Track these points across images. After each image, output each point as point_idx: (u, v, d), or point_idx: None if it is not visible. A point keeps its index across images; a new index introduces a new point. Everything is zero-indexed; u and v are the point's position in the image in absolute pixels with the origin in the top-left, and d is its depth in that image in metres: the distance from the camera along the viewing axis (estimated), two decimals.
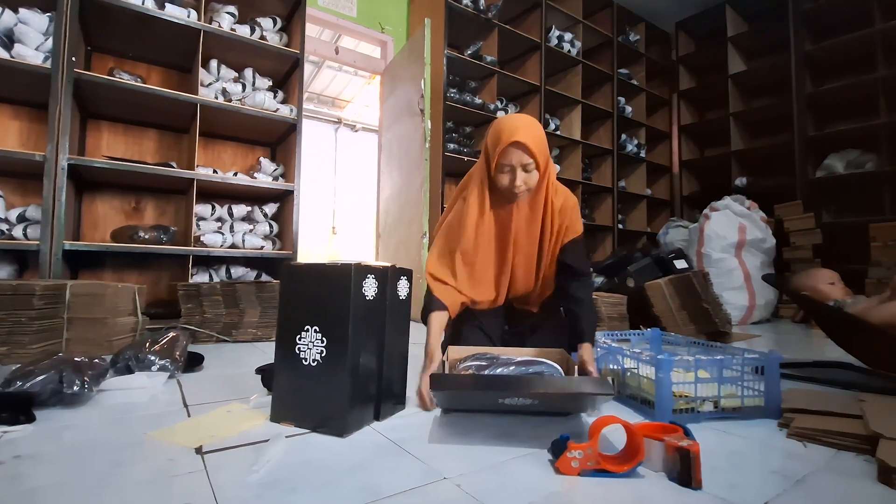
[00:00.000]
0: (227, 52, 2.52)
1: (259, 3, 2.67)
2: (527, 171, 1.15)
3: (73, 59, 2.00)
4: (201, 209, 2.47)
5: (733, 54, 4.18)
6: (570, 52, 3.86)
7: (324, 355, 0.88)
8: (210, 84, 2.49)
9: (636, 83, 4.48)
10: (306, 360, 0.89)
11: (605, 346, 1.22)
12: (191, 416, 0.99)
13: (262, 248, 2.55)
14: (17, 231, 2.02)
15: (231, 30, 2.45)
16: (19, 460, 0.74)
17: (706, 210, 3.24)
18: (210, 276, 2.46)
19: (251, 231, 2.60)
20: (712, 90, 4.45)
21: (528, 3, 3.70)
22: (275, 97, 2.63)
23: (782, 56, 3.80)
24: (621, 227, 4.27)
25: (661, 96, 4.77)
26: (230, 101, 2.47)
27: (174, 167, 2.33)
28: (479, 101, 3.29)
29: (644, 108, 4.55)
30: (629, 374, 1.12)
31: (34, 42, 1.99)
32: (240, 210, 2.60)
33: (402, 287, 1.04)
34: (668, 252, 2.86)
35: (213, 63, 2.54)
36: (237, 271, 2.56)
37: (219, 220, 2.54)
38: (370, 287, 0.93)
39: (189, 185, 2.30)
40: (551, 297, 1.34)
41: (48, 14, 2.03)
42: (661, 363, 0.95)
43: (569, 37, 3.89)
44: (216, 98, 2.42)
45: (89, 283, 1.60)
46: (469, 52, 3.29)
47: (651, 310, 2.20)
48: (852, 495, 0.67)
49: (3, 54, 1.90)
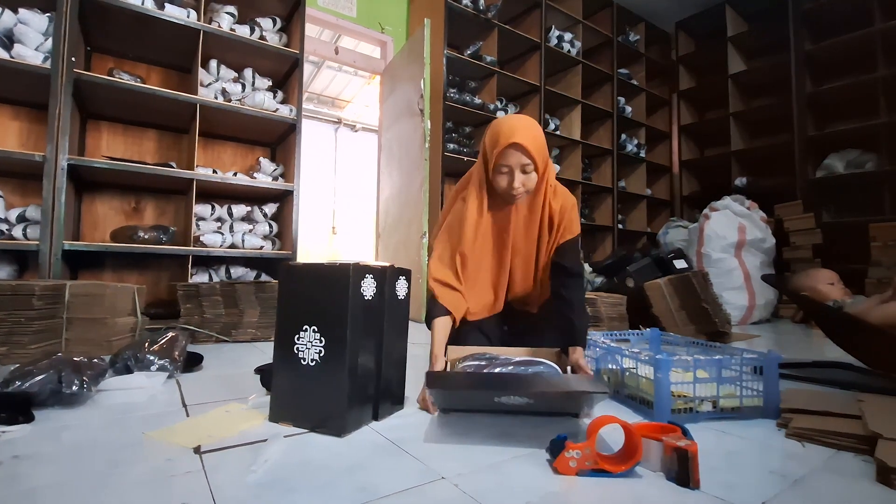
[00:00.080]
0: (226, 52, 2.52)
1: (259, 4, 2.67)
2: (525, 173, 1.14)
3: (73, 59, 2.00)
4: (201, 209, 2.47)
5: (733, 54, 4.18)
6: (569, 52, 3.86)
7: (322, 355, 0.88)
8: (210, 84, 2.50)
9: (636, 83, 4.48)
10: (305, 359, 0.89)
11: (604, 346, 1.22)
12: (189, 416, 0.99)
13: (262, 248, 2.55)
14: (17, 231, 2.02)
15: (231, 30, 2.45)
16: (18, 460, 0.74)
17: (706, 210, 3.24)
18: (210, 276, 2.46)
19: (251, 231, 2.60)
20: (712, 90, 4.45)
21: (527, 3, 3.70)
22: (274, 97, 2.63)
23: (782, 56, 3.80)
24: (621, 227, 4.27)
25: (660, 96, 4.77)
26: (230, 101, 2.47)
27: (174, 167, 2.33)
28: (478, 101, 3.29)
29: (644, 108, 4.55)
30: (628, 374, 1.12)
31: (34, 42, 1.99)
32: (239, 210, 2.60)
33: (401, 287, 1.04)
34: (667, 252, 2.86)
35: (213, 63, 2.54)
36: (237, 271, 2.56)
37: (218, 220, 2.54)
38: (368, 287, 0.93)
39: (189, 185, 2.30)
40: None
41: (48, 14, 2.03)
42: (659, 363, 0.95)
43: (568, 37, 3.89)
44: (216, 98, 2.42)
45: (89, 284, 1.60)
46: (469, 52, 3.29)
47: (650, 310, 2.20)
48: (851, 495, 0.67)
49: (3, 54, 1.91)
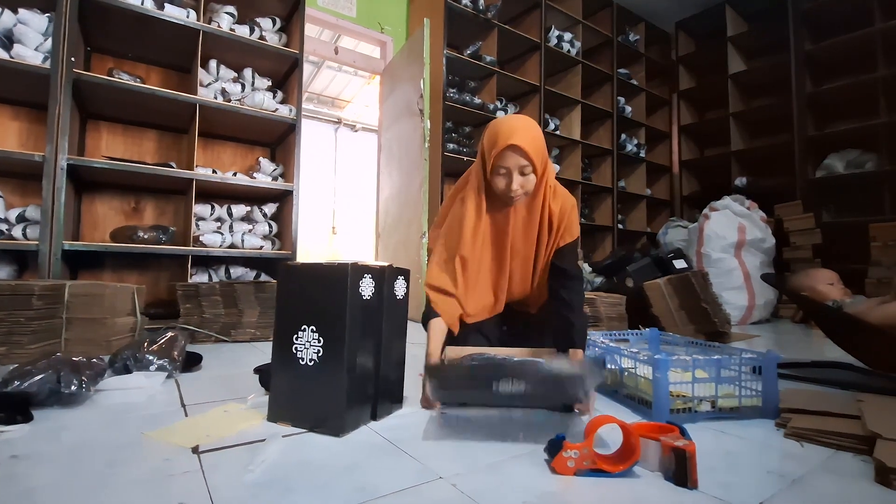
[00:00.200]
0: (226, 52, 2.52)
1: (258, 4, 2.67)
2: (523, 175, 1.14)
3: (73, 59, 2.00)
4: (200, 209, 2.47)
5: (733, 54, 4.18)
6: (569, 52, 3.86)
7: (321, 355, 0.88)
8: (209, 84, 2.50)
9: (636, 83, 4.47)
10: (303, 359, 0.89)
11: (603, 345, 1.22)
12: (188, 415, 0.99)
13: (262, 248, 2.55)
14: (17, 231, 2.02)
15: (230, 30, 2.45)
16: (16, 460, 0.74)
17: (706, 210, 3.24)
18: (209, 276, 2.46)
19: (250, 231, 2.60)
20: (712, 90, 4.44)
21: (527, 3, 3.70)
22: (274, 97, 2.63)
23: (782, 56, 3.80)
24: (621, 227, 4.27)
25: (660, 96, 4.77)
26: (229, 101, 2.47)
27: (173, 167, 2.33)
28: (478, 101, 3.29)
29: (644, 108, 4.55)
30: (627, 373, 1.12)
31: (33, 42, 1.99)
32: (239, 210, 2.60)
33: (400, 287, 1.04)
34: (667, 252, 2.86)
35: (213, 63, 2.54)
36: (236, 271, 2.56)
37: (218, 220, 2.54)
38: (367, 287, 0.93)
39: (188, 185, 2.30)
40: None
41: (47, 14, 2.03)
42: (658, 363, 0.95)
43: (568, 37, 3.89)
44: (215, 98, 2.42)
45: (88, 284, 1.60)
46: (468, 52, 3.29)
47: (650, 310, 2.20)
48: (849, 495, 0.67)
49: (3, 55, 1.90)
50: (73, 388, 1.00)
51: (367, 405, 0.94)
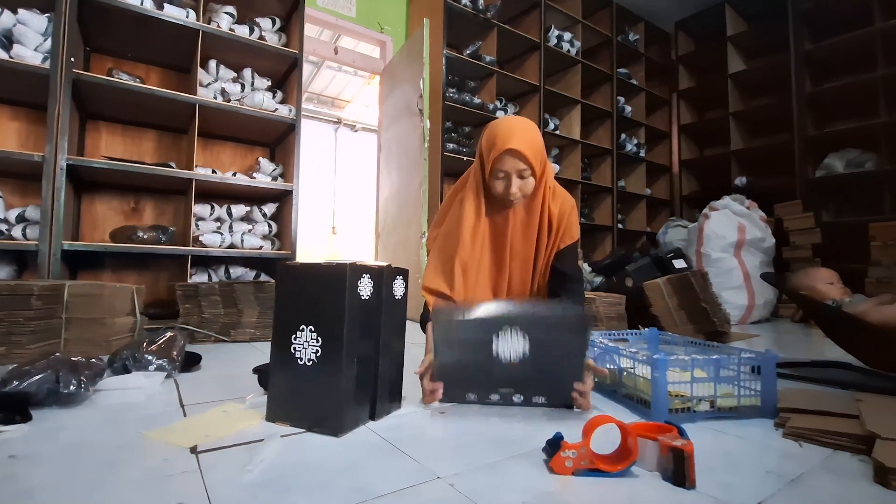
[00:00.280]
0: (225, 52, 2.52)
1: (258, 4, 2.67)
2: (522, 178, 1.14)
3: (72, 59, 2.00)
4: (200, 209, 2.47)
5: (733, 54, 4.18)
6: (569, 51, 3.86)
7: (319, 355, 0.88)
8: (209, 84, 2.49)
9: (636, 83, 4.47)
10: (302, 359, 0.89)
11: (602, 345, 1.22)
12: (187, 415, 0.99)
13: (261, 248, 2.55)
14: (17, 231, 2.02)
15: (230, 30, 2.45)
16: (14, 460, 0.74)
17: (705, 210, 3.24)
18: (209, 276, 2.46)
19: (250, 231, 2.60)
20: (712, 90, 4.44)
21: (527, 3, 3.70)
22: (274, 97, 2.63)
23: (782, 55, 3.80)
24: (621, 226, 4.27)
25: (660, 96, 4.77)
26: (229, 101, 2.47)
27: (173, 167, 2.33)
28: (478, 100, 3.29)
29: (643, 108, 4.54)
30: (626, 373, 1.12)
31: (33, 43, 1.99)
32: (239, 210, 2.60)
33: (398, 286, 1.04)
34: (666, 252, 2.86)
35: (212, 63, 2.54)
36: (236, 271, 2.56)
37: (217, 220, 2.54)
38: (365, 287, 0.93)
39: (188, 185, 2.30)
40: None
41: (47, 15, 2.03)
42: (656, 363, 0.95)
43: (568, 36, 3.89)
44: (215, 98, 2.42)
45: (87, 284, 1.60)
46: (468, 51, 3.29)
47: (649, 309, 2.20)
48: (847, 495, 0.67)
49: (2, 55, 1.90)
50: (71, 388, 1.00)
51: (365, 405, 0.94)
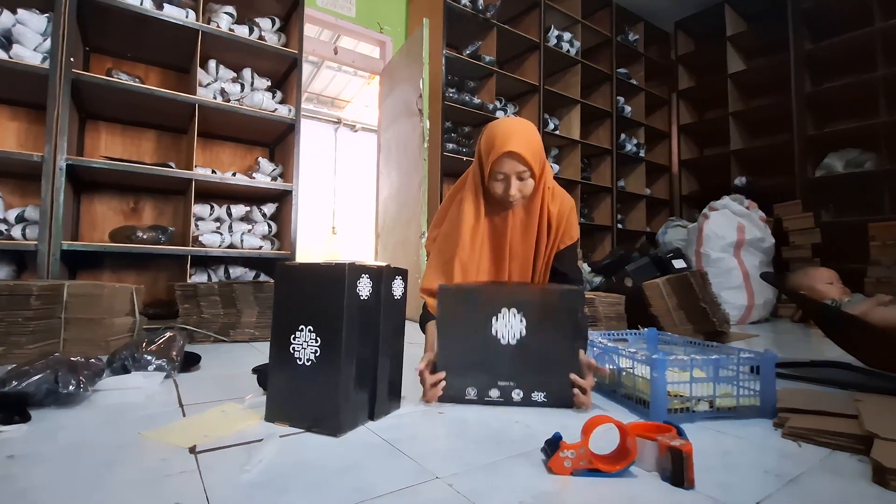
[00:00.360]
0: (225, 52, 2.52)
1: (257, 4, 2.67)
2: (521, 180, 1.14)
3: (72, 59, 2.00)
4: (200, 209, 2.47)
5: (732, 54, 4.18)
6: (568, 51, 3.86)
7: (318, 355, 0.88)
8: (208, 84, 2.49)
9: (635, 83, 4.47)
10: (301, 359, 0.89)
11: (601, 345, 1.22)
12: (186, 415, 0.99)
13: (261, 248, 2.55)
14: (16, 231, 2.02)
15: (229, 30, 2.44)
16: (13, 460, 0.74)
17: (705, 210, 3.24)
18: (209, 276, 2.46)
19: (249, 231, 2.60)
20: (711, 90, 4.45)
21: (526, 3, 3.70)
22: (273, 97, 2.63)
23: (782, 55, 3.80)
24: (620, 226, 4.27)
25: (660, 96, 4.77)
26: (228, 101, 2.47)
27: (172, 167, 2.33)
28: (477, 100, 3.29)
29: (643, 108, 4.54)
30: (625, 373, 1.12)
31: (32, 43, 1.99)
32: (238, 210, 2.60)
33: (397, 286, 1.04)
34: (666, 252, 2.86)
35: (212, 63, 2.54)
36: (235, 271, 2.56)
37: (217, 220, 2.54)
38: (364, 287, 0.93)
39: (187, 185, 2.30)
40: None
41: (46, 15, 2.03)
42: (655, 363, 0.95)
43: (567, 36, 3.89)
44: (214, 98, 2.42)
45: (86, 284, 1.60)
46: (468, 51, 3.29)
47: (649, 309, 2.20)
48: (846, 495, 0.67)
49: (2, 55, 1.90)
50: (70, 388, 1.00)
51: (364, 405, 0.94)
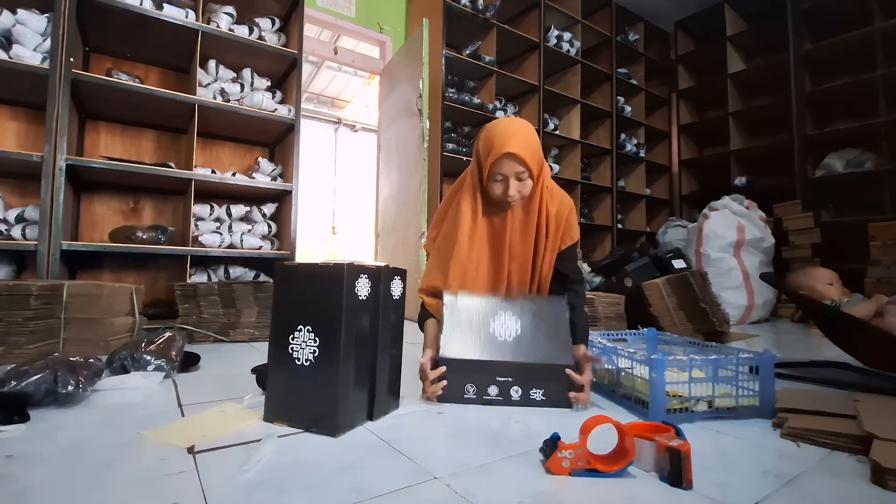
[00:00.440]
0: (225, 52, 2.52)
1: (257, 4, 2.67)
2: (520, 180, 1.14)
3: (71, 59, 2.00)
4: (199, 209, 2.47)
5: (732, 54, 4.18)
6: (568, 51, 3.86)
7: (317, 355, 0.88)
8: (208, 84, 2.49)
9: (635, 83, 4.47)
10: (299, 359, 0.90)
11: (601, 345, 1.22)
12: (185, 415, 0.99)
13: (261, 248, 2.55)
14: (16, 231, 2.02)
15: (229, 30, 2.44)
16: (12, 460, 0.74)
17: (705, 210, 3.24)
18: (208, 276, 2.46)
19: (249, 231, 2.59)
20: (711, 89, 4.44)
21: (526, 3, 3.70)
22: (273, 97, 2.63)
23: (781, 55, 3.80)
24: (620, 226, 4.27)
25: (660, 96, 4.77)
26: (228, 101, 2.46)
27: (172, 167, 2.33)
28: (477, 100, 3.29)
29: (643, 108, 4.54)
30: (624, 373, 1.12)
31: (32, 43, 1.99)
32: (238, 210, 2.60)
33: (396, 287, 1.04)
34: (666, 252, 2.86)
35: (212, 63, 2.54)
36: (235, 271, 2.56)
37: (217, 220, 2.54)
38: (363, 287, 0.93)
39: (187, 185, 2.30)
40: None
41: (46, 15, 2.03)
42: (654, 363, 0.95)
43: (567, 36, 3.89)
44: (214, 98, 2.42)
45: (86, 284, 1.60)
46: (467, 51, 3.29)
47: (648, 309, 2.20)
48: (844, 496, 0.67)
49: (2, 55, 1.90)
50: (69, 388, 1.00)
51: (363, 405, 0.94)
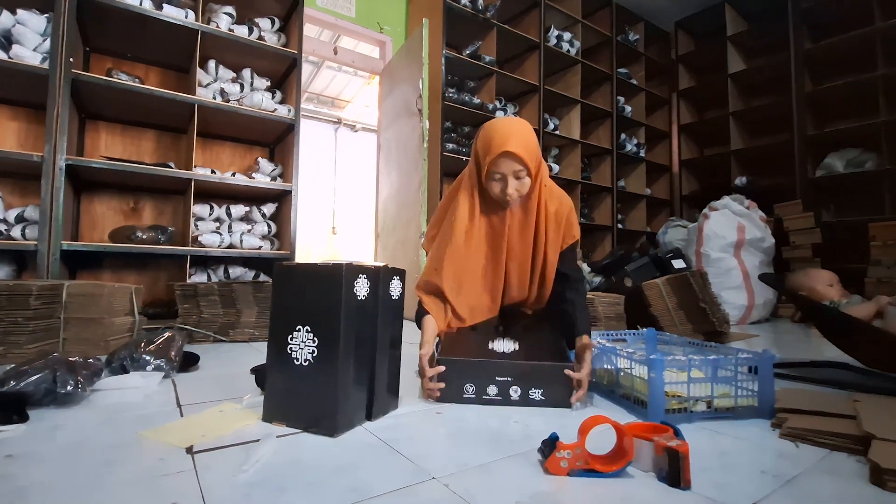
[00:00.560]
0: (225, 52, 2.52)
1: (257, 4, 2.67)
2: (518, 179, 1.14)
3: (71, 59, 2.00)
4: (199, 209, 2.47)
5: (733, 53, 4.18)
6: (568, 51, 3.86)
7: (315, 355, 0.88)
8: (208, 84, 2.50)
9: (635, 82, 4.47)
10: (298, 359, 0.90)
11: (600, 345, 1.22)
12: (184, 415, 0.99)
13: (260, 248, 2.55)
14: (16, 231, 2.02)
15: (229, 30, 2.45)
16: (11, 460, 0.74)
17: (705, 210, 3.23)
18: (208, 276, 2.46)
19: (249, 231, 2.60)
20: (712, 89, 4.44)
21: (526, 3, 3.70)
22: (273, 97, 2.63)
23: (782, 55, 3.79)
24: (620, 226, 4.27)
25: (660, 96, 4.76)
26: (228, 101, 2.47)
27: (172, 167, 2.33)
28: (477, 100, 3.29)
29: (643, 108, 4.54)
30: (623, 373, 1.12)
31: (32, 43, 1.99)
32: (238, 210, 2.60)
33: (395, 287, 1.04)
34: (666, 251, 2.86)
35: (211, 63, 2.54)
36: (235, 271, 2.57)
37: (217, 220, 2.55)
38: (362, 287, 0.93)
39: (187, 185, 2.30)
40: (547, 304, 1.34)
41: (46, 15, 2.03)
42: (653, 363, 0.95)
43: (568, 36, 3.89)
44: (214, 98, 2.42)
45: (86, 284, 1.60)
46: (467, 51, 3.29)
47: (648, 309, 2.19)
48: (843, 496, 0.67)
49: (2, 55, 1.91)
50: (69, 387, 1.00)
51: (361, 405, 0.94)
